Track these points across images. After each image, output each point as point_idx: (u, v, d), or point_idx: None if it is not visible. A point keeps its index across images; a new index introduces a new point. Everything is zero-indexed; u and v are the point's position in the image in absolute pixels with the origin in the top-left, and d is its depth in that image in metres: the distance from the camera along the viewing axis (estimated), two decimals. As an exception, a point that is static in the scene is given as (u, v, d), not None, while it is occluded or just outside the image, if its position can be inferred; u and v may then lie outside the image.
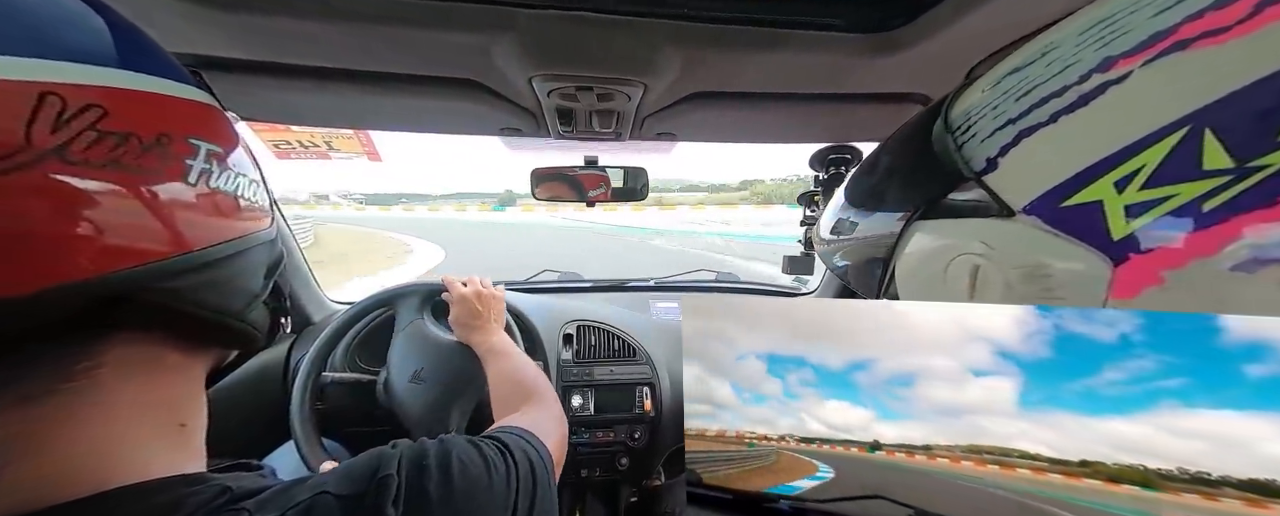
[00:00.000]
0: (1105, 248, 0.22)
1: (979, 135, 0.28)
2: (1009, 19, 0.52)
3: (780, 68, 0.63)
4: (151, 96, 0.22)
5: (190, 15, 0.48)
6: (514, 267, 1.66)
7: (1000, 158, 0.27)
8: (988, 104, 0.29)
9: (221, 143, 0.25)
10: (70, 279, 0.18)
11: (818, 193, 1.00)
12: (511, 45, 0.55)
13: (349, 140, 1.47)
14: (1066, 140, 0.24)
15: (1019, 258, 0.26)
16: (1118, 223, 0.21)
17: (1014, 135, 0.26)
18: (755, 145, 1.02)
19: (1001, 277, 0.27)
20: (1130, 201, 0.21)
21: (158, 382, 0.25)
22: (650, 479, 1.06)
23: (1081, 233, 0.23)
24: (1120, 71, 0.21)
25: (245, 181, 0.27)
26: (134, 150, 0.20)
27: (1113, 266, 0.22)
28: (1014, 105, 0.26)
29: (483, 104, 0.71)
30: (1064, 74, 0.24)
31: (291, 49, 0.57)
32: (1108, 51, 0.22)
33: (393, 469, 0.27)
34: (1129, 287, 0.21)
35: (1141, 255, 0.21)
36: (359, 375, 0.85)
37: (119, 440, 0.23)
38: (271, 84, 0.64)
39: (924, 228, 0.33)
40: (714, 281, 1.48)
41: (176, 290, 0.22)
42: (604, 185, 1.07)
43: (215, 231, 0.24)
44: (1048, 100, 0.24)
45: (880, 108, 0.75)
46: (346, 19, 0.50)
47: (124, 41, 0.22)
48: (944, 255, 0.31)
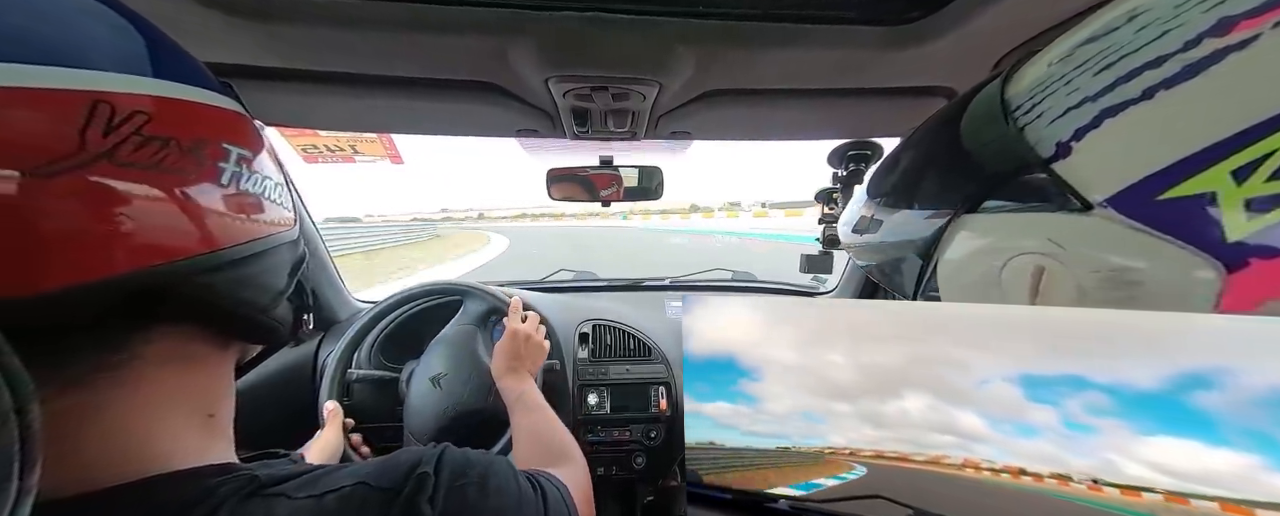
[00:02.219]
0: (1217, 250, 0.18)
1: (1047, 115, 0.24)
2: (1037, 8, 0.50)
3: (797, 63, 0.62)
4: (189, 104, 0.23)
5: (219, 25, 0.50)
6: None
7: (1074, 142, 0.22)
8: (1058, 78, 0.24)
9: (250, 147, 0.27)
10: (113, 273, 0.20)
11: (836, 190, 0.98)
12: (527, 48, 0.56)
13: (372, 144, 1.51)
14: (1167, 120, 0.19)
15: (1097, 259, 0.23)
16: (1236, 220, 0.17)
17: (1094, 115, 0.22)
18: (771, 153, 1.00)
19: (1073, 282, 0.24)
20: (1253, 194, 0.17)
21: (190, 374, 0.26)
22: (666, 478, 1.06)
23: (1185, 231, 0.19)
24: (1244, 34, 0.17)
25: (271, 184, 0.28)
26: (175, 154, 0.21)
27: (1226, 273, 0.18)
28: (1093, 80, 0.22)
29: (499, 106, 0.72)
30: (1163, 40, 0.20)
31: (315, 56, 0.59)
32: (1225, 10, 0.18)
33: (431, 467, 0.28)
34: (1246, 299, 0.18)
35: (1266, 261, 0.17)
36: (383, 372, 0.88)
37: (153, 429, 0.24)
38: (296, 90, 0.66)
39: (973, 223, 0.29)
40: (730, 280, 1.47)
41: (210, 286, 0.24)
42: (617, 184, 1.07)
43: (245, 231, 0.25)
44: (1140, 72, 0.20)
45: (902, 102, 0.73)
46: (368, 27, 0.52)
47: (164, 53, 0.23)
48: (999, 254, 0.28)
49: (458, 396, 0.74)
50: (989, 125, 0.27)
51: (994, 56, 0.60)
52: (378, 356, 0.94)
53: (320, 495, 0.25)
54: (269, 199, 0.28)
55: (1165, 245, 0.19)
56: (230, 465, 0.26)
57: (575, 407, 0.94)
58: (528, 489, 0.32)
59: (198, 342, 0.26)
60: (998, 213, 0.27)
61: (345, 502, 0.25)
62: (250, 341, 0.31)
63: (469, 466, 0.30)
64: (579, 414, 0.94)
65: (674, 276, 1.44)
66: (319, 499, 0.25)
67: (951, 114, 0.34)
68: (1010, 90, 0.27)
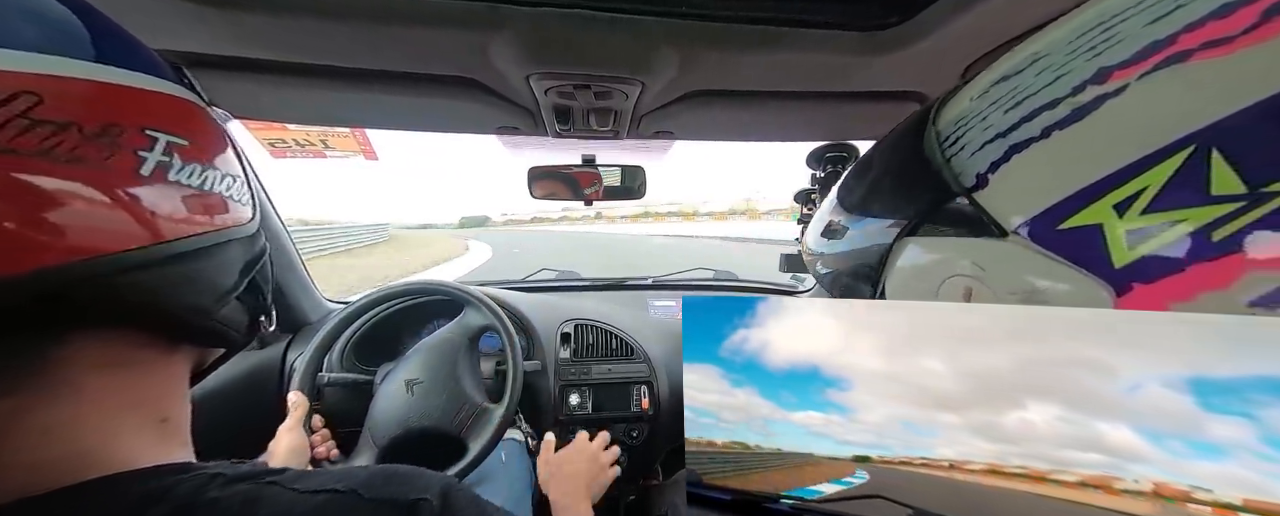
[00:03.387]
0: (1107, 275, 0.20)
1: (968, 148, 0.27)
2: (1006, 17, 0.52)
3: (778, 66, 0.63)
4: (100, 86, 0.21)
5: (178, 11, 0.48)
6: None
7: (990, 174, 0.25)
8: (976, 114, 0.27)
9: (188, 135, 0.24)
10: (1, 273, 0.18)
11: (814, 191, 1.00)
12: (508, 43, 0.55)
13: (345, 139, 1.44)
14: (1061, 157, 0.22)
15: (1013, 281, 0.25)
16: (1119, 249, 0.20)
17: (1004, 150, 0.24)
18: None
19: (996, 301, 0.26)
20: (1132, 226, 0.19)
21: (134, 378, 0.24)
22: (648, 477, 1.06)
23: (1081, 258, 0.21)
24: (1116, 84, 0.20)
25: (215, 176, 0.26)
26: (74, 140, 0.19)
27: (1115, 295, 0.20)
28: (1003, 117, 0.25)
29: (480, 102, 0.71)
30: (1056, 85, 0.22)
31: (284, 46, 0.57)
32: (1102, 61, 0.20)
33: (433, 495, 0.26)
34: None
35: (1146, 285, 0.19)
36: (356, 375, 0.85)
37: (97, 433, 0.22)
38: (264, 81, 0.63)
39: (915, 243, 0.32)
40: (712, 279, 1.49)
41: (134, 285, 0.22)
42: (599, 183, 1.07)
43: (177, 226, 0.23)
44: (1040, 112, 0.23)
45: (878, 106, 0.76)
46: (340, 16, 0.50)
47: (75, 30, 0.21)
48: (936, 274, 0.30)
49: (424, 409, 0.71)
50: (923, 153, 0.30)
51: (963, 63, 0.62)
52: (351, 359, 0.91)
53: (312, 491, 0.24)
54: (211, 192, 0.26)
55: (1067, 269, 0.22)
56: (189, 464, 0.24)
57: (556, 408, 0.93)
58: None
59: (137, 346, 0.24)
60: (932, 236, 0.30)
61: (333, 505, 0.24)
62: (197, 344, 0.29)
63: (472, 504, 0.28)
64: (560, 414, 0.93)
65: (656, 276, 1.44)
66: (310, 495, 0.23)
67: (907, 128, 0.36)
68: (941, 119, 0.30)
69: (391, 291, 0.84)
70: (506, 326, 0.77)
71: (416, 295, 0.85)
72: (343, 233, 20.41)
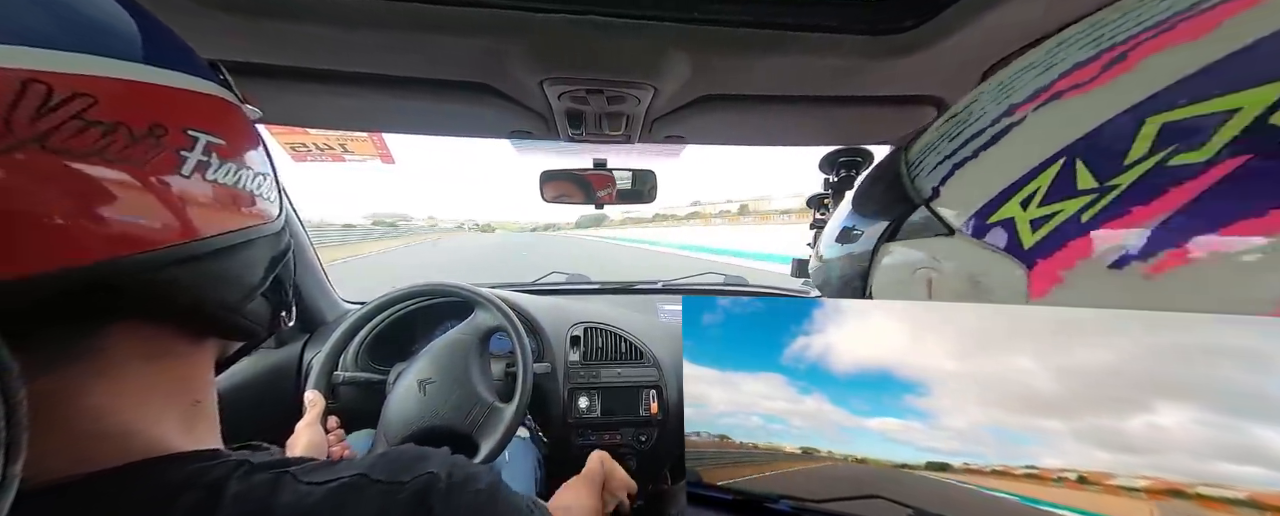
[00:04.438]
0: (1020, 255, 0.27)
1: (925, 168, 0.35)
2: (1021, 21, 0.51)
3: (791, 70, 0.62)
4: (147, 87, 0.22)
5: (209, 21, 0.50)
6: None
7: (941, 186, 0.33)
8: (931, 144, 0.36)
9: (224, 134, 0.25)
10: (46, 268, 0.18)
11: (827, 196, 0.99)
12: (523, 49, 0.56)
13: (363, 143, 1.48)
14: (986, 169, 0.30)
15: (961, 268, 0.32)
16: (1026, 234, 0.26)
17: (950, 168, 0.33)
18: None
19: (949, 286, 0.33)
20: (1033, 217, 0.26)
21: (166, 366, 0.25)
22: (658, 481, 1.05)
23: (1002, 244, 0.28)
24: (1018, 116, 0.29)
25: (249, 175, 0.27)
26: (122, 140, 0.20)
27: (1027, 271, 0.26)
28: (948, 145, 0.34)
29: (494, 107, 0.72)
30: (982, 119, 0.31)
31: (308, 54, 0.58)
32: (1011, 100, 0.30)
33: (438, 469, 0.27)
34: (1040, 288, 0.26)
35: (1045, 259, 0.25)
36: (371, 374, 0.86)
37: (137, 413, 0.23)
38: (288, 87, 0.65)
39: (892, 247, 0.39)
40: (722, 284, 1.48)
41: (172, 280, 0.22)
42: (611, 187, 1.07)
43: (213, 223, 0.24)
44: (973, 139, 0.31)
45: (893, 109, 0.75)
46: (362, 25, 0.51)
47: (128, 32, 0.22)
48: (908, 269, 0.37)
49: (436, 408, 0.72)
50: (895, 179, 0.39)
51: (981, 67, 0.61)
52: (366, 358, 0.93)
53: (322, 482, 0.24)
54: (245, 190, 0.26)
55: (994, 255, 0.28)
56: (218, 451, 0.25)
57: (566, 411, 0.93)
58: (528, 513, 0.32)
59: (169, 336, 0.25)
60: (904, 239, 0.37)
61: (345, 492, 0.24)
62: (222, 338, 0.30)
63: (479, 474, 0.29)
64: (569, 417, 0.93)
65: (665, 280, 1.44)
66: (321, 486, 0.24)
67: (890, 159, 0.44)
68: (911, 152, 0.39)
69: (406, 292, 0.85)
70: (517, 328, 0.77)
71: (430, 296, 0.86)
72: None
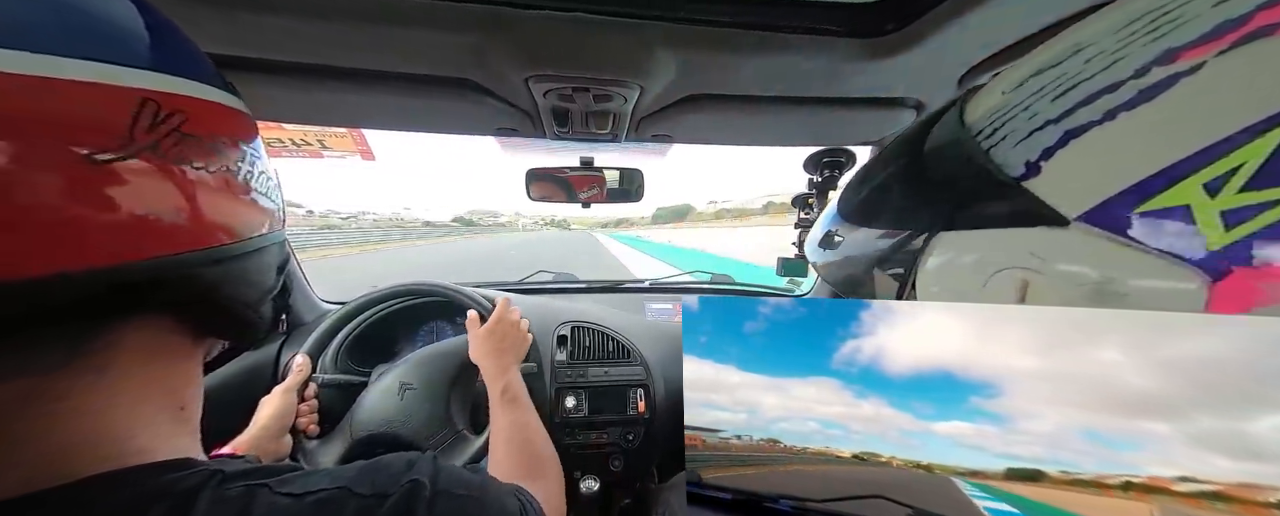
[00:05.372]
0: (1199, 260, 0.19)
1: (1011, 138, 0.26)
2: (1000, 26, 0.53)
3: (776, 71, 0.63)
4: (212, 105, 0.25)
5: (183, 11, 0.48)
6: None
7: (1043, 161, 0.24)
8: (1016, 105, 0.26)
9: (253, 145, 0.28)
10: (136, 258, 0.21)
11: (811, 195, 1.01)
12: (508, 45, 0.55)
13: (342, 139, 1.44)
14: (1132, 138, 0.21)
15: (1079, 271, 0.23)
16: (1213, 231, 0.18)
17: (1058, 136, 0.23)
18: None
19: (1058, 294, 0.24)
20: (1227, 206, 0.18)
21: (164, 366, 0.26)
22: (645, 481, 1.06)
23: (1165, 243, 0.20)
24: (1189, 62, 0.19)
25: (270, 183, 0.30)
26: (203, 150, 0.23)
27: (1210, 282, 0.19)
28: (1051, 105, 0.24)
29: (479, 104, 0.71)
30: (1113, 69, 0.22)
31: (284, 47, 0.56)
32: (1167, 43, 0.20)
33: (424, 476, 0.27)
34: (1234, 303, 0.19)
35: (1248, 268, 0.18)
36: (350, 376, 0.84)
37: (124, 418, 0.24)
38: (264, 82, 0.63)
39: (950, 239, 0.30)
40: (709, 282, 1.49)
41: (211, 278, 0.25)
42: (598, 186, 1.07)
43: (249, 226, 0.27)
44: (1099, 96, 0.22)
45: (875, 112, 0.76)
46: (341, 18, 0.50)
47: (194, 55, 0.26)
48: (981, 269, 0.28)
49: (407, 417, 0.71)
50: (954, 148, 0.29)
51: (959, 71, 0.63)
52: (345, 360, 0.91)
53: (300, 495, 0.24)
54: (267, 196, 0.29)
55: (1147, 257, 0.20)
56: (191, 460, 0.25)
57: (552, 410, 0.93)
58: (518, 511, 0.32)
59: (173, 334, 0.26)
60: (974, 229, 0.29)
61: (323, 508, 0.24)
62: (228, 337, 0.31)
63: (466, 480, 0.29)
64: (556, 416, 0.92)
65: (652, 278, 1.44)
66: (299, 498, 0.24)
67: (914, 137, 0.35)
68: (968, 118, 0.29)
69: (388, 292, 0.83)
70: (485, 301, 0.77)
71: (413, 296, 0.85)
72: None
